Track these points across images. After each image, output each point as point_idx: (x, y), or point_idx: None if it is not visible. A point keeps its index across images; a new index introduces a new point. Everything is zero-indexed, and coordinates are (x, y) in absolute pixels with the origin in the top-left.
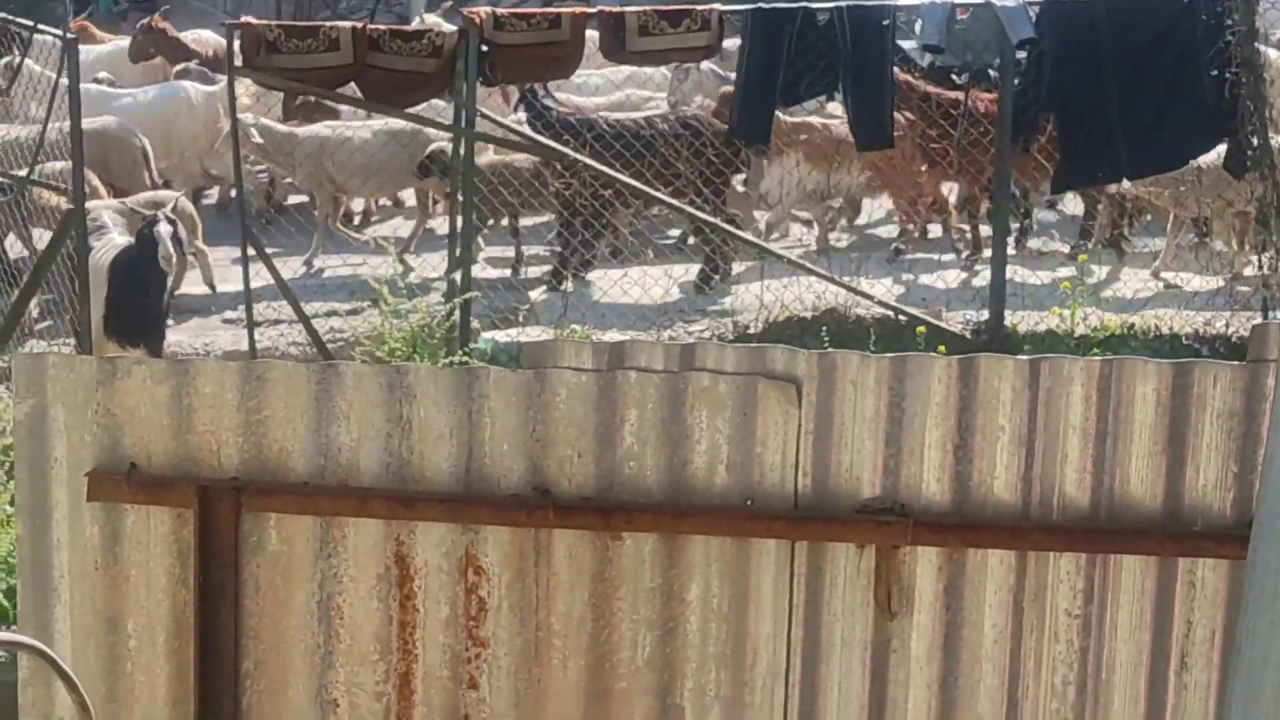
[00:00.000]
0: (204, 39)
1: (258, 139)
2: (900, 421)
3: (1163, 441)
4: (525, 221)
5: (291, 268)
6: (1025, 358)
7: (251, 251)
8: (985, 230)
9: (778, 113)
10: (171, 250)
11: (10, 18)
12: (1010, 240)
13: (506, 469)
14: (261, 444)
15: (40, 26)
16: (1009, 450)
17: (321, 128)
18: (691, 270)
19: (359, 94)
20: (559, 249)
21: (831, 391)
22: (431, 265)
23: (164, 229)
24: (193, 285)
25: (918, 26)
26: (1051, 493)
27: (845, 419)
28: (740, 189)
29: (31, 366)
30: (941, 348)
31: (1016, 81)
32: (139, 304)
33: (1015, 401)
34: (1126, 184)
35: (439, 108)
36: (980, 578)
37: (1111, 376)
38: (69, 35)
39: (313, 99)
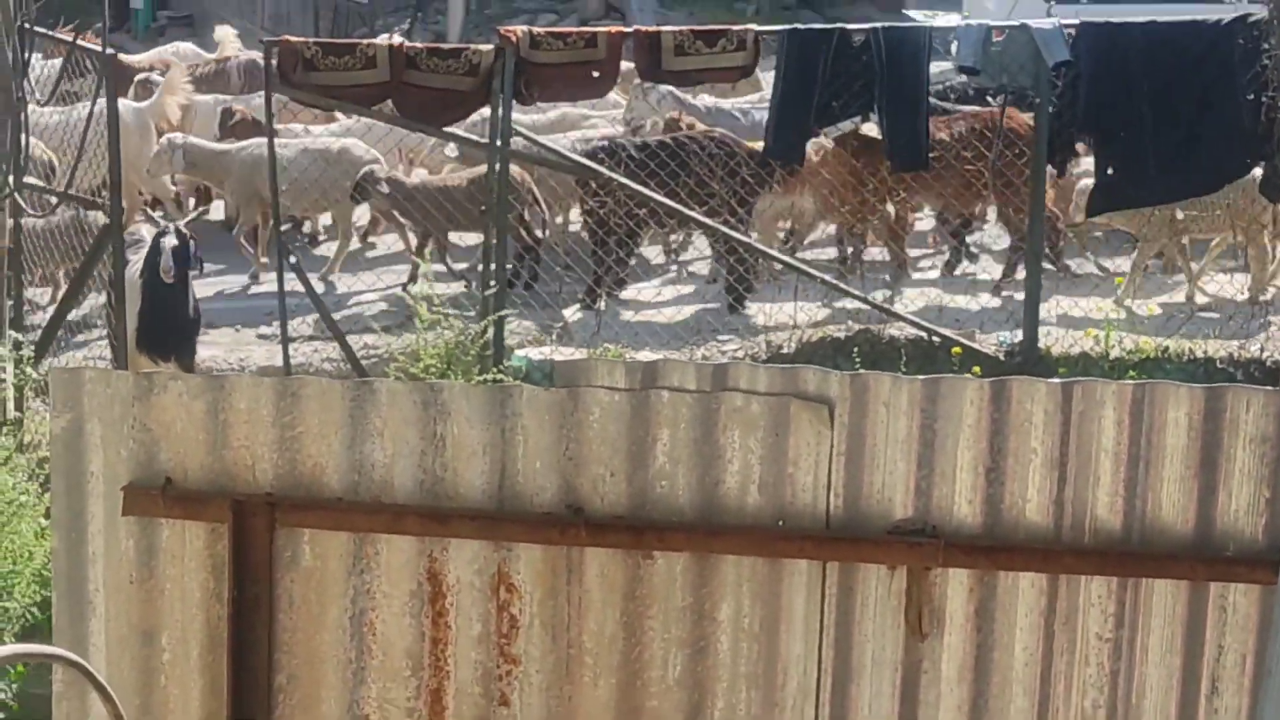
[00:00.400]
0: (182, 51)
1: (182, 162)
2: (932, 443)
3: (1195, 466)
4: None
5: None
6: (1058, 381)
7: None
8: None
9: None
10: (171, 264)
11: (50, 32)
12: (941, 268)
13: (539, 487)
14: (296, 460)
15: (79, 42)
16: (1041, 473)
17: (253, 145)
18: (718, 292)
19: (395, 111)
20: (593, 267)
21: (864, 413)
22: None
23: (167, 241)
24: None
25: (954, 48)
26: (1083, 516)
27: (877, 440)
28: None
29: (68, 381)
30: (976, 369)
31: (1052, 104)
32: (163, 317)
33: (1047, 425)
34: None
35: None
36: (1011, 600)
37: (1144, 401)
38: (109, 51)
39: (250, 117)
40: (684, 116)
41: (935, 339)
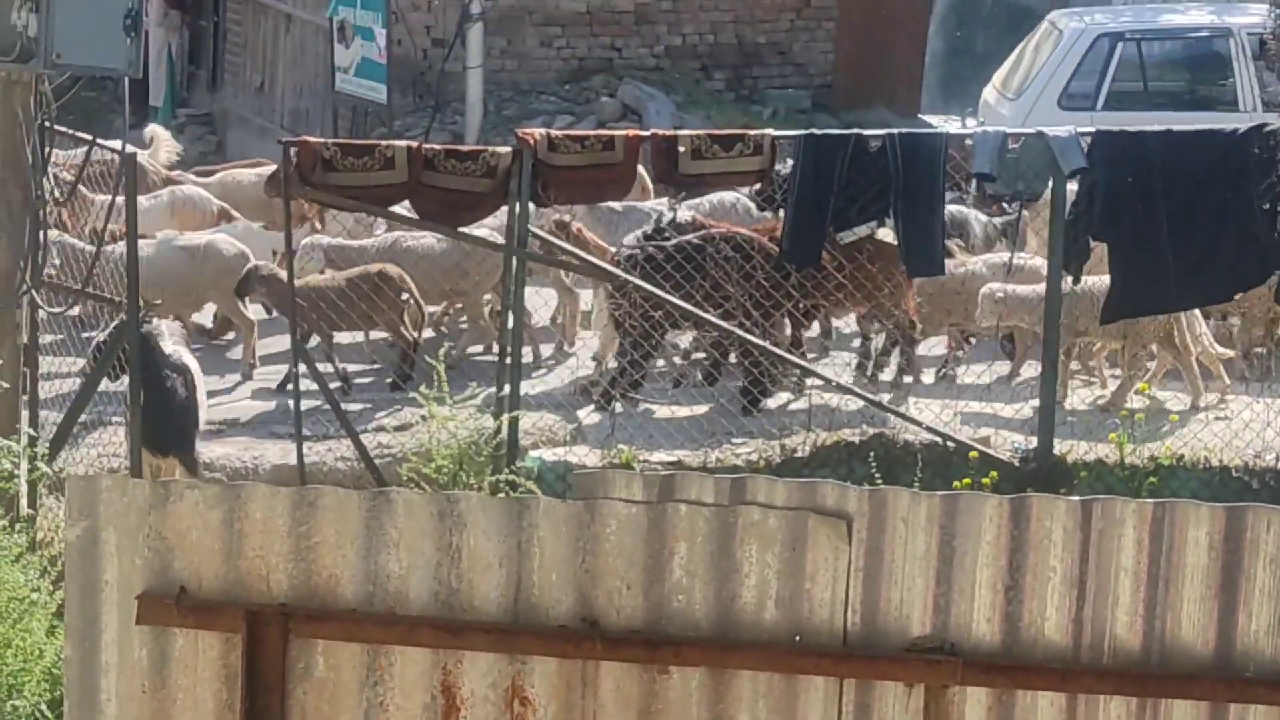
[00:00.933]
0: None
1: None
2: (951, 560)
3: (1215, 586)
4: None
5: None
6: (1077, 499)
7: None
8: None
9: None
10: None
11: (71, 131)
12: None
13: (555, 600)
14: (311, 570)
15: (100, 141)
16: (1060, 591)
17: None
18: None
19: (413, 213)
20: (611, 369)
21: (882, 528)
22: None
23: (157, 328)
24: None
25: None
26: (1103, 635)
27: (896, 556)
28: None
29: (85, 489)
30: (994, 473)
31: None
32: (160, 414)
33: (1067, 542)
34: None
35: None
36: None
37: (1164, 520)
38: (129, 149)
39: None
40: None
41: (951, 444)
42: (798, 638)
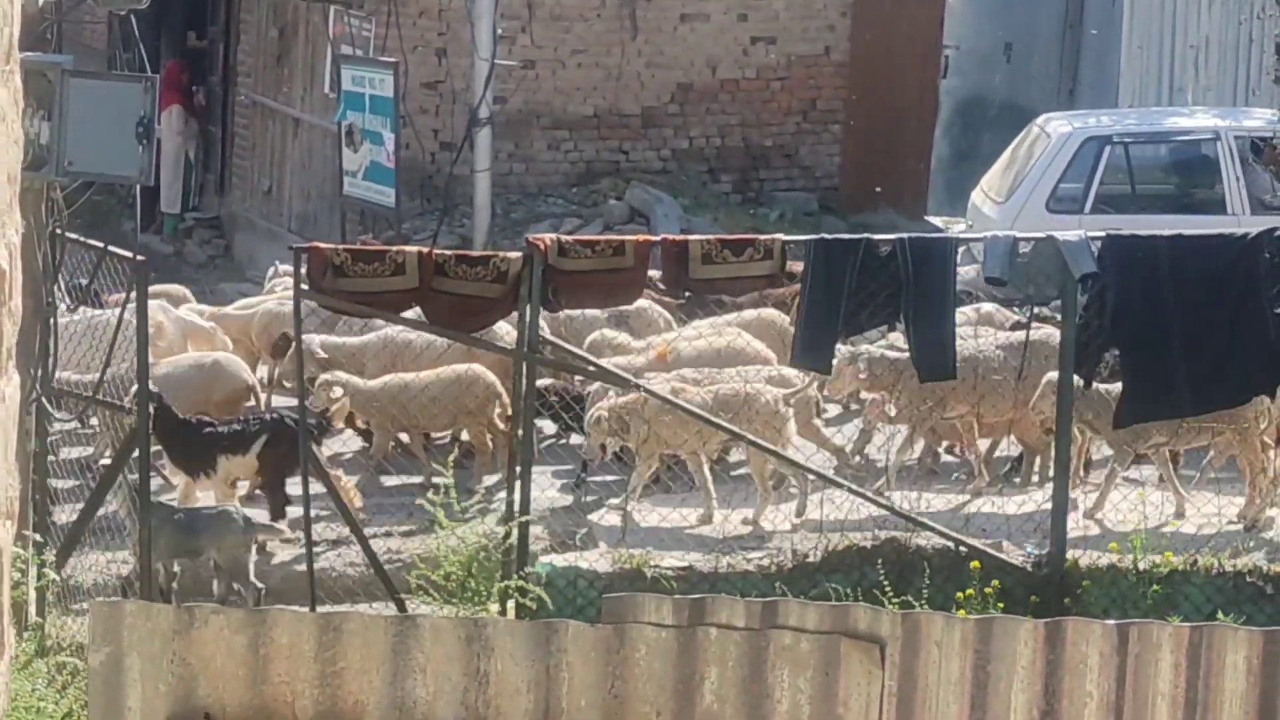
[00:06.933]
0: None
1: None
2: (985, 685)
3: (1253, 711)
4: None
5: None
6: (1113, 622)
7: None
8: None
9: None
10: None
11: (82, 238)
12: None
13: None
14: (337, 696)
15: (111, 248)
16: (1096, 717)
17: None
18: (751, 496)
19: (423, 318)
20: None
21: (915, 653)
22: None
23: None
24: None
25: (979, 255)
26: None
27: (929, 681)
28: None
29: (108, 614)
30: (996, 583)
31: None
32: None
33: (1103, 667)
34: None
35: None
36: None
37: (1201, 644)
38: (139, 257)
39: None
40: None
41: (963, 549)
42: None
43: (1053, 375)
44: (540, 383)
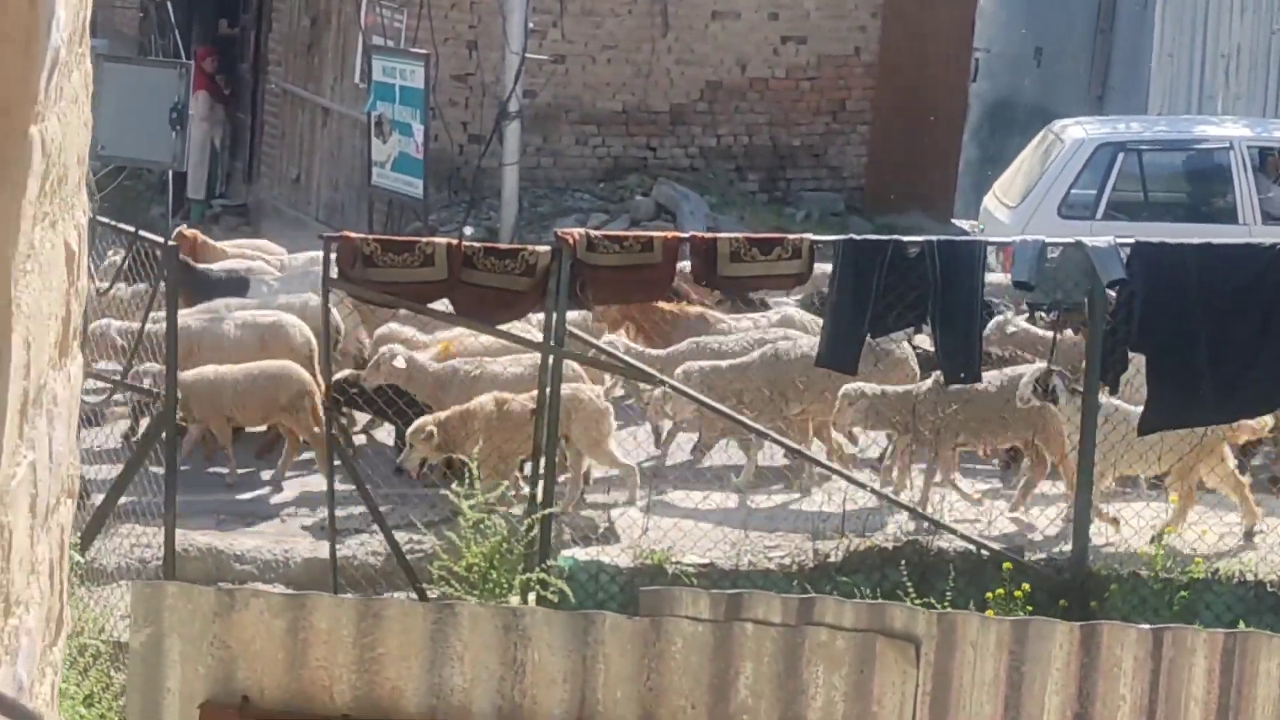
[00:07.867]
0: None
1: None
2: (1020, 686)
3: None
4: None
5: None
6: (1148, 627)
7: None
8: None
9: None
10: None
11: (112, 222)
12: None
13: (619, 717)
14: (374, 682)
15: (142, 233)
16: None
17: None
18: (773, 494)
19: (451, 309)
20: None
21: (951, 653)
22: None
23: None
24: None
25: (994, 265)
26: None
27: (964, 681)
28: None
29: (150, 596)
30: (1025, 586)
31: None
32: None
33: (1137, 671)
34: None
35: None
36: None
37: (1235, 651)
38: (170, 242)
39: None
40: None
41: (985, 553)
42: None
43: (849, 387)
44: (338, 375)
